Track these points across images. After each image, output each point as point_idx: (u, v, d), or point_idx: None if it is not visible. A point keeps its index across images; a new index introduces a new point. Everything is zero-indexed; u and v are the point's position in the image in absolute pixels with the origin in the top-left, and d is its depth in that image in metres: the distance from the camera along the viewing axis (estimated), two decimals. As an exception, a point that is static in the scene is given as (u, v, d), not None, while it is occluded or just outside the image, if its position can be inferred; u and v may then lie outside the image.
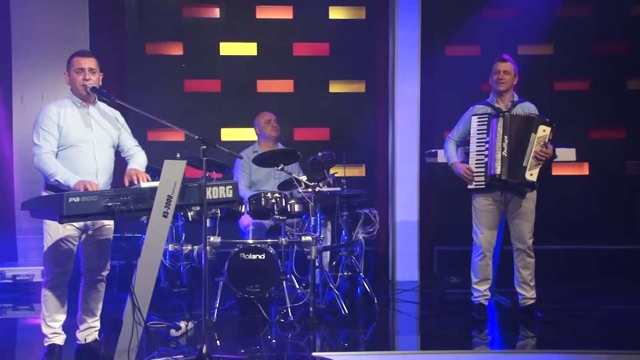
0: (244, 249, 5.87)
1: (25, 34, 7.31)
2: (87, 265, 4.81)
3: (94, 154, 4.66)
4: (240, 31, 8.02)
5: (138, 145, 4.94)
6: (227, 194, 4.71)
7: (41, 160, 4.50)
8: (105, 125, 4.78)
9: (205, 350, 4.42)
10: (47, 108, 4.64)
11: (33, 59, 7.26)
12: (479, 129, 5.72)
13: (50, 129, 4.55)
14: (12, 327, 6.26)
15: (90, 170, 4.61)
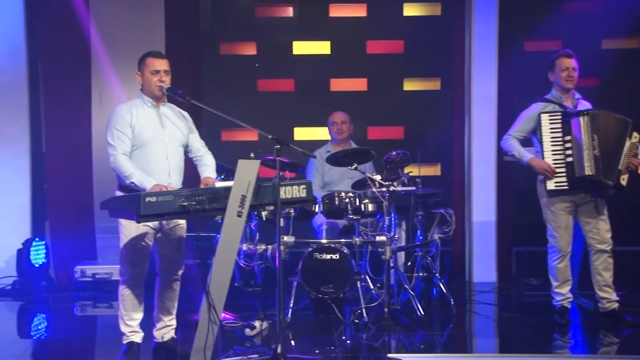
0: (318, 248, 5.88)
1: (104, 36, 7.52)
2: (162, 265, 4.90)
3: (165, 153, 4.74)
4: (314, 30, 8.05)
5: (205, 146, 5.00)
6: (301, 193, 4.73)
7: (117, 161, 4.60)
8: (176, 125, 4.86)
9: (280, 350, 4.45)
10: (119, 109, 4.74)
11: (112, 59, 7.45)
12: (552, 128, 5.55)
13: (124, 129, 4.65)
14: (92, 324, 6.45)
15: (162, 169, 4.70)
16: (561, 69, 5.61)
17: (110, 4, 7.53)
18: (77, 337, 5.75)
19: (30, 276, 7.11)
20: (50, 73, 7.39)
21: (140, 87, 4.83)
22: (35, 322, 6.45)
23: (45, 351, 5.50)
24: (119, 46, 7.41)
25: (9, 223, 7.27)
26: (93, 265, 7.25)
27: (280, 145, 4.49)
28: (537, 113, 5.63)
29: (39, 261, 7.22)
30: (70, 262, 7.29)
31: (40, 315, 6.58)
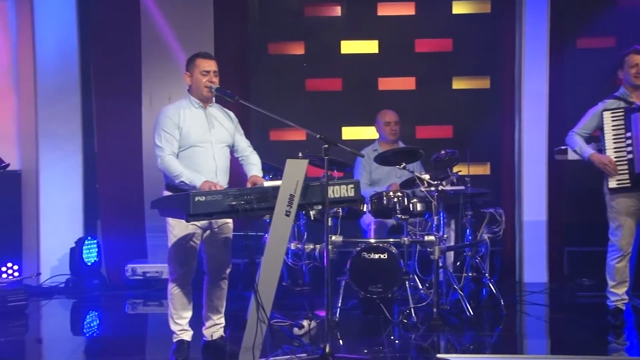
0: (366, 248, 5.88)
1: (154, 38, 7.61)
2: (210, 264, 4.94)
3: (212, 154, 4.77)
4: (362, 29, 8.03)
5: (250, 146, 5.02)
6: (349, 192, 4.73)
7: (165, 161, 4.64)
8: (223, 125, 4.88)
9: (328, 349, 4.45)
10: (167, 110, 4.78)
11: (162, 60, 7.54)
12: (614, 125, 5.44)
13: (171, 130, 4.69)
14: (143, 322, 6.54)
15: (209, 169, 4.73)
16: (630, 66, 5.48)
17: (161, 6, 7.61)
18: (128, 335, 5.85)
19: (82, 274, 7.23)
20: (101, 74, 7.51)
21: (187, 87, 4.88)
22: (88, 319, 6.58)
23: (98, 348, 5.59)
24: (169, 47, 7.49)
25: (62, 222, 7.39)
26: (144, 264, 7.34)
27: (328, 145, 4.49)
28: (600, 110, 5.52)
29: (91, 259, 7.34)
30: (122, 260, 7.40)
31: (92, 313, 6.71)
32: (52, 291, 7.12)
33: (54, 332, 6.08)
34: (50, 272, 7.34)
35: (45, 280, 7.26)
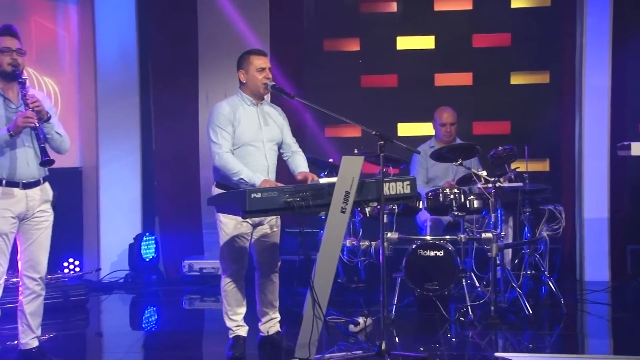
0: (422, 245, 5.85)
1: (210, 36, 7.69)
2: (260, 259, 4.96)
3: (264, 152, 4.80)
4: (418, 25, 7.99)
5: (296, 143, 5.03)
6: (405, 189, 4.71)
7: (223, 159, 4.67)
8: (273, 123, 4.90)
9: (384, 346, 4.45)
10: (220, 106, 4.80)
11: (218, 58, 7.61)
12: None
13: (226, 127, 4.72)
14: (200, 317, 6.62)
15: (261, 168, 4.75)
16: None
17: (218, 4, 7.69)
18: (185, 330, 5.93)
19: (141, 270, 7.35)
20: (159, 73, 7.62)
21: (239, 85, 4.89)
22: (146, 314, 6.69)
23: (156, 343, 5.69)
24: (225, 44, 7.55)
25: (121, 218, 7.52)
26: (200, 260, 7.42)
27: (384, 141, 4.48)
28: None
29: (149, 255, 7.46)
30: (179, 256, 7.49)
31: (150, 308, 6.82)
32: (112, 286, 7.25)
33: (114, 326, 6.19)
34: (109, 267, 7.47)
35: (105, 276, 7.40)
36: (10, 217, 4.41)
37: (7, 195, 4.39)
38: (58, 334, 5.60)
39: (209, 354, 5.37)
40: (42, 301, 4.66)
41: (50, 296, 6.06)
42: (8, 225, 4.41)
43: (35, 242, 4.55)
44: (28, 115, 4.31)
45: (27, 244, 4.54)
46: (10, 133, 4.31)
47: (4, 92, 4.45)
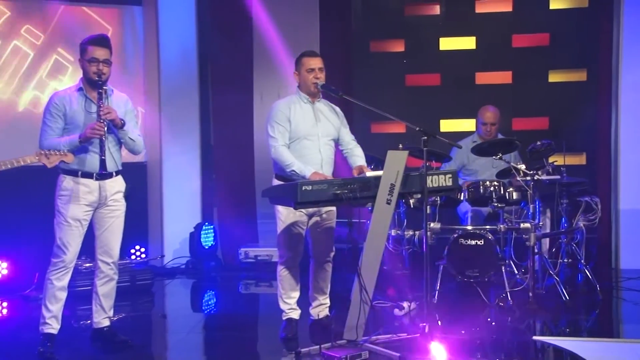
0: (463, 234, 5.84)
1: (264, 40, 7.74)
2: (315, 248, 5.01)
3: (319, 147, 4.83)
4: (460, 26, 7.94)
5: (354, 140, 5.05)
6: (447, 182, 4.71)
7: (278, 152, 4.74)
8: (329, 119, 4.94)
9: (428, 329, 4.46)
10: (278, 104, 4.88)
11: (272, 59, 7.67)
12: None
13: (283, 123, 4.78)
14: (255, 301, 6.70)
15: (315, 161, 4.79)
16: None
17: (271, 9, 7.74)
18: (242, 312, 6.01)
19: (200, 257, 7.44)
20: (217, 75, 7.69)
21: (297, 85, 4.96)
22: (206, 298, 6.79)
23: (215, 324, 5.78)
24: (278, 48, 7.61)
25: (182, 209, 7.63)
26: (255, 248, 7.49)
27: (427, 137, 4.48)
28: None
29: (208, 243, 7.55)
30: (235, 244, 7.57)
31: (209, 292, 6.92)
32: (174, 272, 7.37)
33: (177, 309, 6.30)
34: (172, 254, 7.59)
35: (168, 262, 7.52)
36: (84, 205, 4.53)
37: (82, 186, 4.52)
38: (127, 315, 5.73)
39: (263, 334, 5.43)
40: (114, 284, 4.79)
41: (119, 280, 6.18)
42: (82, 213, 4.53)
43: (108, 229, 4.67)
44: (96, 127, 4.43)
45: (102, 231, 4.66)
46: (80, 140, 4.45)
47: (87, 94, 4.57)
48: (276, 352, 4.77)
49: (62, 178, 4.54)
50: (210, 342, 5.29)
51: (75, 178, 4.51)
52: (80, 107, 4.53)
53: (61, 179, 4.55)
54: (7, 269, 6.41)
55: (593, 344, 4.82)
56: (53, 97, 4.59)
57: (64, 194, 4.51)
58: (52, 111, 4.50)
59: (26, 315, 4.63)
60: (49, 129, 4.49)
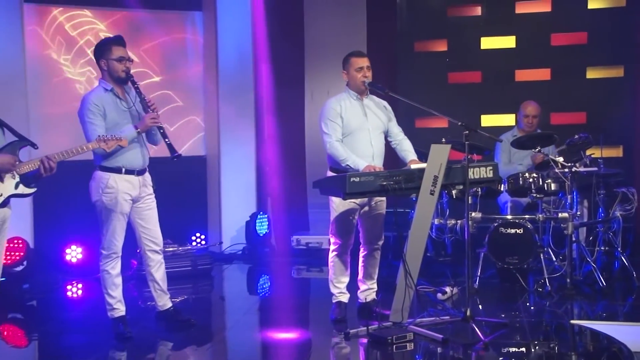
0: (503, 223, 5.77)
1: (315, 41, 7.77)
2: (365, 236, 4.99)
3: (369, 140, 4.81)
4: (500, 26, 7.86)
5: (402, 132, 5.02)
6: (488, 174, 4.68)
7: (333, 147, 4.73)
8: (378, 114, 4.92)
9: (469, 313, 4.43)
10: (329, 102, 4.87)
11: (321, 59, 7.69)
12: None
13: (335, 119, 4.78)
14: (306, 285, 6.74)
15: (367, 154, 4.77)
16: None
17: (321, 12, 7.75)
18: (294, 295, 6.04)
19: (255, 243, 7.48)
20: (271, 73, 7.70)
21: (346, 83, 4.94)
22: (261, 282, 6.85)
23: (269, 306, 5.83)
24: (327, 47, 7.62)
25: (239, 199, 7.66)
26: (306, 235, 7.52)
27: (469, 131, 4.44)
28: None
29: (262, 231, 7.59)
30: (288, 232, 7.59)
31: (264, 277, 6.97)
32: (232, 257, 7.42)
33: (234, 292, 6.39)
34: (230, 241, 7.62)
35: (226, 248, 7.56)
36: (130, 199, 4.58)
37: (126, 181, 4.54)
38: (189, 297, 5.83)
39: (314, 316, 5.46)
40: (164, 268, 4.83)
41: (181, 265, 6.36)
42: (127, 207, 4.57)
43: (150, 220, 4.70)
44: (154, 116, 4.49)
45: (144, 223, 4.68)
46: (138, 130, 4.49)
47: (116, 93, 4.59)
48: (327, 332, 4.79)
49: (105, 176, 4.50)
50: (265, 323, 5.34)
51: (120, 175, 4.52)
52: (114, 106, 4.54)
53: (104, 177, 4.50)
54: (82, 253, 6.57)
55: (629, 328, 4.72)
56: (89, 98, 4.50)
57: (109, 191, 4.50)
58: (92, 110, 4.43)
59: (100, 296, 4.72)
60: (94, 126, 4.40)
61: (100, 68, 4.59)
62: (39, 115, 6.69)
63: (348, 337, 4.52)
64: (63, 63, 6.86)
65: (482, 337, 4.27)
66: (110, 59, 4.52)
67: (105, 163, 4.49)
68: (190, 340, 4.67)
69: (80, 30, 6.90)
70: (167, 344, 4.69)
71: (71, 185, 6.33)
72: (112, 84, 4.56)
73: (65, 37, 6.84)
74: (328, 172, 4.87)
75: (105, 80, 4.57)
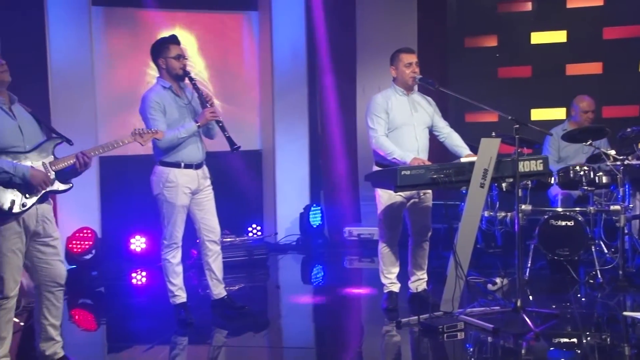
0: (554, 216, 5.66)
1: (367, 37, 7.73)
2: (413, 228, 4.97)
3: (415, 135, 4.78)
4: (551, 21, 7.68)
5: (448, 125, 4.96)
6: (538, 167, 4.61)
7: (379, 142, 4.72)
8: (423, 110, 4.88)
9: (520, 303, 4.37)
10: (376, 98, 4.84)
11: (373, 56, 7.65)
12: None
13: (381, 114, 4.76)
14: (359, 275, 6.74)
15: (412, 148, 4.74)
16: None
17: (372, 9, 7.72)
18: (346, 285, 6.04)
19: (309, 234, 7.51)
20: (324, 70, 7.71)
21: (392, 79, 4.90)
22: (314, 271, 6.88)
23: (323, 294, 5.85)
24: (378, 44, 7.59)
25: (293, 192, 7.70)
26: (358, 227, 7.51)
27: (519, 125, 4.37)
28: None
29: (316, 223, 7.61)
30: (340, 223, 7.59)
31: (317, 266, 7.00)
32: (286, 248, 7.47)
33: (288, 280, 6.43)
34: (284, 232, 7.68)
35: (281, 239, 7.62)
36: (189, 193, 4.65)
37: (185, 175, 4.62)
38: (245, 285, 5.89)
39: (366, 305, 5.45)
40: (221, 258, 4.90)
41: (238, 255, 6.44)
42: (187, 200, 4.65)
43: (208, 212, 4.77)
44: (213, 110, 4.54)
45: (202, 214, 4.75)
46: (199, 125, 4.55)
47: (174, 90, 4.66)
48: (378, 321, 4.79)
49: (165, 171, 4.58)
50: (318, 311, 5.35)
51: (180, 169, 4.59)
52: (173, 103, 4.61)
53: (165, 171, 4.58)
54: (146, 243, 6.71)
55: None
56: (150, 95, 4.55)
57: (170, 185, 4.58)
58: (154, 107, 4.50)
59: (162, 284, 4.82)
60: (157, 122, 4.46)
61: (159, 67, 4.66)
62: (106, 115, 6.83)
63: (399, 325, 4.52)
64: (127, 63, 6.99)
65: (533, 327, 4.21)
66: (169, 57, 4.59)
67: (165, 158, 4.58)
68: (247, 326, 4.74)
69: (143, 30, 7.03)
70: (224, 331, 4.75)
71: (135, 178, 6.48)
72: (171, 81, 4.63)
73: (130, 38, 6.98)
74: (374, 167, 4.86)
75: (164, 79, 4.64)
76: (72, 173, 3.74)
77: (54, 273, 3.72)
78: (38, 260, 3.66)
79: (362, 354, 4.24)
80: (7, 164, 3.44)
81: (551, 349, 4.12)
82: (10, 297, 3.57)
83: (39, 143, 3.65)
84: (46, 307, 3.73)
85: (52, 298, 3.74)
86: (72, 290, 5.73)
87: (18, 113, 3.63)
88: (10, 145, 3.52)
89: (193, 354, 4.41)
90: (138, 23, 7.02)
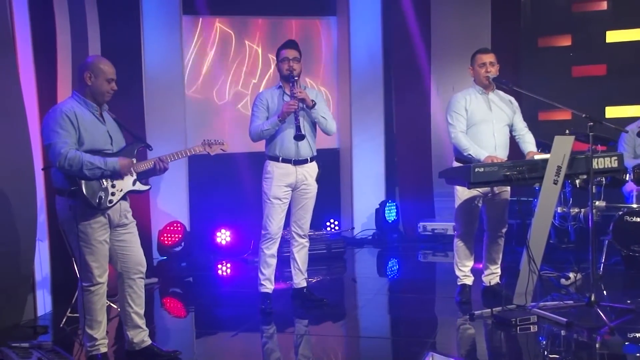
0: (629, 212, 5.47)
1: (441, 38, 7.65)
2: (489, 223, 4.90)
3: (492, 132, 4.72)
4: (628, 19, 7.38)
5: (526, 127, 4.88)
6: (612, 164, 4.47)
7: (457, 137, 4.70)
8: (502, 108, 4.81)
9: (594, 298, 4.25)
10: (456, 96, 4.84)
11: (447, 57, 7.58)
12: None
13: (460, 112, 4.73)
14: (432, 268, 6.68)
15: (489, 145, 4.68)
16: None
17: (447, 11, 7.64)
18: (421, 278, 6.02)
19: (384, 229, 7.51)
20: (399, 73, 7.71)
21: (473, 79, 4.87)
22: (390, 265, 6.87)
23: (398, 288, 5.84)
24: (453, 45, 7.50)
25: (369, 188, 7.73)
26: (432, 222, 7.46)
27: (594, 123, 4.25)
28: None
29: (391, 218, 7.61)
30: (415, 219, 7.57)
31: (393, 260, 6.99)
32: (363, 242, 7.50)
33: (365, 273, 6.45)
34: (361, 227, 7.71)
35: (357, 233, 7.66)
36: (284, 186, 4.74)
37: (282, 169, 4.73)
38: (323, 278, 5.95)
39: (440, 298, 5.41)
40: (307, 251, 4.97)
41: (317, 248, 6.51)
42: (282, 192, 4.74)
43: (302, 207, 4.85)
44: (290, 103, 4.62)
45: (297, 208, 4.86)
46: (280, 119, 4.65)
47: (284, 89, 4.80)
48: (452, 313, 4.75)
49: (267, 163, 4.78)
50: (394, 303, 5.36)
51: (277, 163, 4.73)
52: (279, 100, 4.76)
53: (267, 164, 4.79)
54: (230, 236, 6.88)
55: None
56: (259, 94, 4.89)
57: (267, 176, 4.76)
58: (257, 104, 4.78)
59: (245, 275, 4.94)
60: (255, 118, 4.75)
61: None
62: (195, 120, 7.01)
63: (473, 318, 4.47)
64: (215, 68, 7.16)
65: (608, 322, 4.08)
66: (279, 60, 4.79)
67: (268, 152, 4.76)
68: (326, 317, 4.79)
69: (229, 36, 7.21)
70: (304, 320, 4.82)
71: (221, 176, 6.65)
72: (282, 81, 4.81)
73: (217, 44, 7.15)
74: (454, 162, 4.83)
75: (280, 79, 4.84)
76: (150, 175, 3.89)
77: (134, 260, 3.84)
78: (120, 248, 3.81)
79: (435, 345, 4.22)
80: (99, 161, 3.62)
81: (626, 343, 3.98)
82: (101, 282, 3.73)
83: (123, 146, 3.83)
84: (129, 295, 3.86)
85: (134, 286, 3.85)
86: (163, 280, 5.96)
87: (107, 119, 3.82)
88: (102, 148, 3.72)
89: (277, 341, 4.50)
90: (223, 30, 7.18)
